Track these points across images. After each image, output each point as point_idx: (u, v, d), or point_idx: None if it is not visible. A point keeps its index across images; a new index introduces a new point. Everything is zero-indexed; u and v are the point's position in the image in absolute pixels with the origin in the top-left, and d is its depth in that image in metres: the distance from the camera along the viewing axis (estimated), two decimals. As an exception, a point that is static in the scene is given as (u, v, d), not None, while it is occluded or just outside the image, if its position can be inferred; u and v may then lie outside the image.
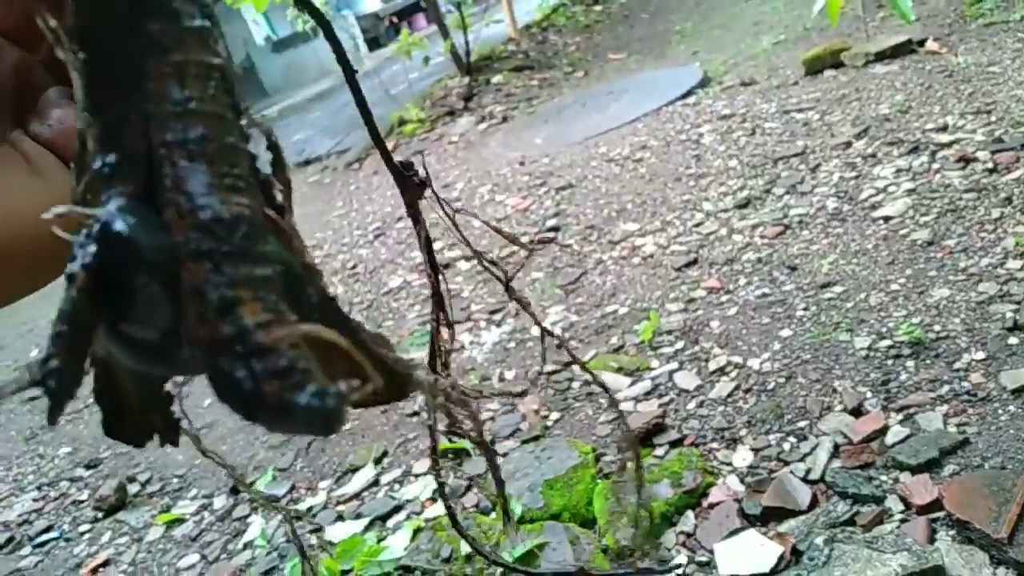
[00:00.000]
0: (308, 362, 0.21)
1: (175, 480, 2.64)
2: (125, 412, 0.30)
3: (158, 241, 0.22)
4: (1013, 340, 1.92)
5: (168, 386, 0.30)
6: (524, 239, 3.53)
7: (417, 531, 1.95)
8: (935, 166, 2.84)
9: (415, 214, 0.55)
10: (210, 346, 0.21)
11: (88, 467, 2.92)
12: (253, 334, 0.21)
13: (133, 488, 2.66)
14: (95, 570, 2.30)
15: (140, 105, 0.22)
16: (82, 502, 2.70)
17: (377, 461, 2.34)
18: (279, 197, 0.26)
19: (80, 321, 0.22)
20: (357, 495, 2.24)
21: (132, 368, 0.26)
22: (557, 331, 2.69)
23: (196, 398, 3.14)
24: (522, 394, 2.31)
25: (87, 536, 2.48)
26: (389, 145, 5.90)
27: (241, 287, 0.22)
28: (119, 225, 0.22)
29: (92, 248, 0.22)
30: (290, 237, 0.25)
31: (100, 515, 2.57)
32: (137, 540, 2.38)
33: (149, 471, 2.74)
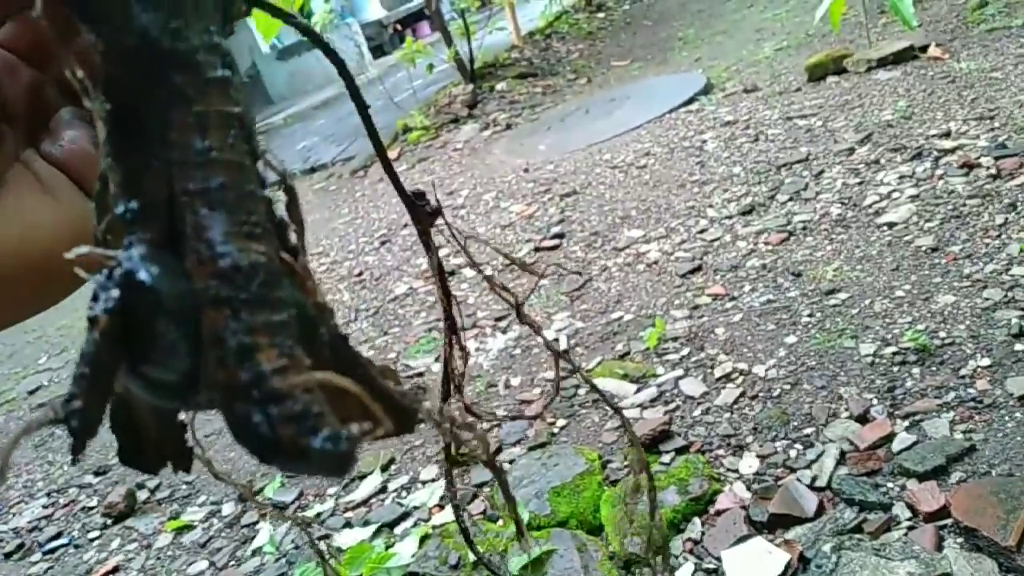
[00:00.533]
0: (321, 406, 0.22)
1: (184, 487, 2.65)
2: (141, 442, 0.30)
3: (179, 288, 0.23)
4: (1019, 346, 1.92)
5: (182, 415, 0.31)
6: (529, 246, 3.55)
7: (425, 538, 1.96)
8: (938, 172, 2.85)
9: (427, 242, 0.56)
10: (228, 391, 0.22)
11: (97, 474, 2.93)
12: (269, 379, 0.22)
13: (142, 495, 2.68)
14: (104, 577, 2.32)
15: (163, 153, 0.23)
16: (91, 509, 2.71)
17: (384, 468, 2.35)
18: (293, 239, 0.26)
19: (102, 364, 0.23)
20: (365, 502, 2.25)
21: (150, 403, 0.26)
22: (563, 338, 2.70)
23: (203, 406, 3.16)
24: (536, 417, 2.31)
25: (96, 543, 2.50)
26: (393, 153, 5.92)
27: (258, 333, 0.23)
28: (143, 275, 0.22)
29: (115, 293, 0.22)
30: (304, 279, 0.25)
31: (109, 522, 2.58)
32: (146, 547, 2.39)
33: (158, 478, 2.75)
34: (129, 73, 0.22)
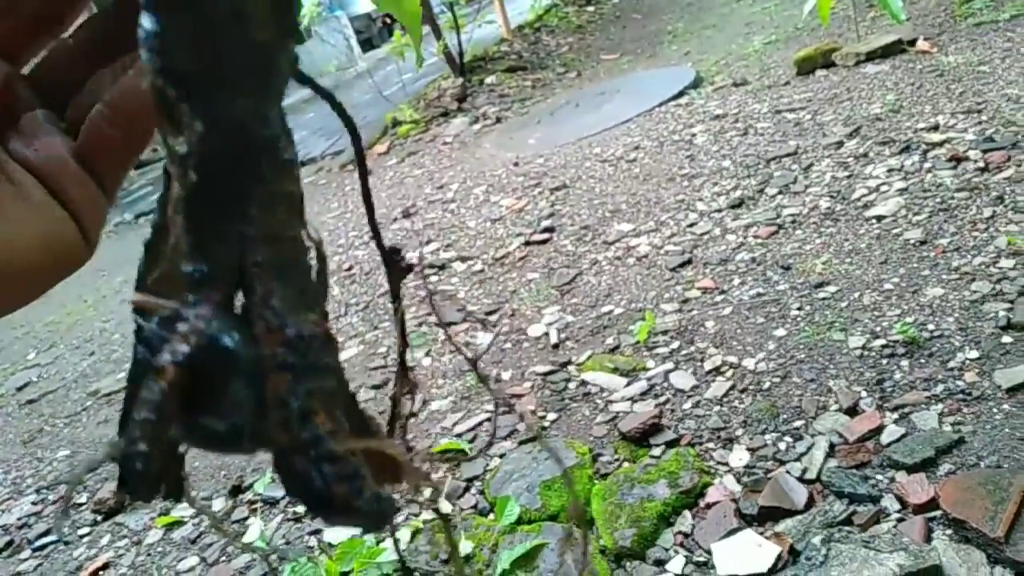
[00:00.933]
0: (364, 468, 0.25)
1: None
2: (146, 472, 0.31)
3: (251, 353, 0.25)
4: (1007, 339, 1.94)
5: (183, 447, 0.32)
6: (519, 240, 3.54)
7: (416, 532, 1.96)
8: (927, 165, 2.86)
9: (396, 294, 0.58)
10: (289, 448, 0.25)
11: (87, 470, 2.92)
12: (326, 442, 0.25)
13: (131, 492, 2.66)
14: (95, 573, 2.30)
15: (238, 226, 0.25)
16: (81, 505, 2.70)
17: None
18: (326, 306, 0.29)
19: (167, 412, 0.24)
20: (355, 497, 2.24)
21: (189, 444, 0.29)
22: (553, 332, 2.70)
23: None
24: (479, 453, 2.28)
25: (86, 539, 2.48)
26: (383, 147, 5.89)
27: (315, 398, 0.26)
28: (227, 340, 0.24)
29: (183, 348, 0.24)
30: (337, 346, 0.28)
31: (99, 518, 2.57)
32: (136, 543, 2.38)
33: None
34: (220, 153, 0.24)
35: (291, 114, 0.26)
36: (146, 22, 0.24)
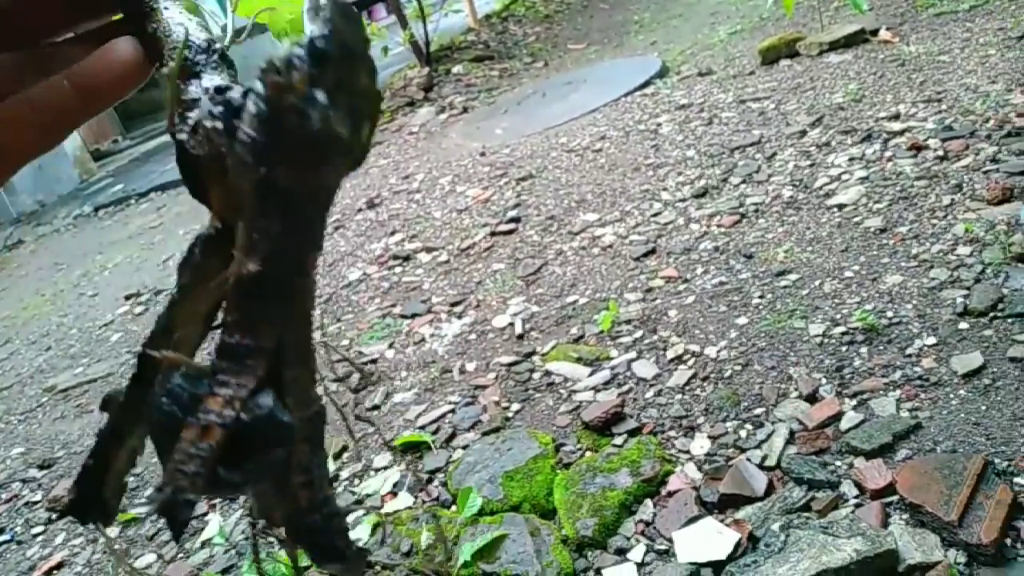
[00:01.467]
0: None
1: (131, 479, 2.59)
2: (96, 498, 0.37)
3: (290, 424, 0.29)
4: (963, 325, 1.95)
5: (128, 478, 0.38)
6: (485, 230, 3.52)
7: (377, 526, 1.93)
8: (887, 154, 2.89)
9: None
10: (307, 509, 0.32)
11: (41, 468, 2.86)
12: (334, 501, 0.32)
13: (87, 489, 2.61)
14: (49, 572, 2.25)
15: (283, 309, 0.29)
16: (35, 503, 2.64)
17: (337, 456, 2.32)
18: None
19: (212, 466, 0.28)
20: (317, 491, 2.21)
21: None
22: (518, 322, 2.69)
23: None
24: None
25: (40, 538, 2.43)
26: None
27: (322, 465, 0.32)
28: (285, 417, 0.29)
29: (229, 412, 0.28)
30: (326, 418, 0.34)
31: (54, 516, 2.52)
32: (92, 541, 2.33)
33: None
34: (281, 253, 0.29)
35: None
36: (254, 132, 0.27)
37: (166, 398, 0.29)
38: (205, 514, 2.28)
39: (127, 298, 4.30)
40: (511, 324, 2.70)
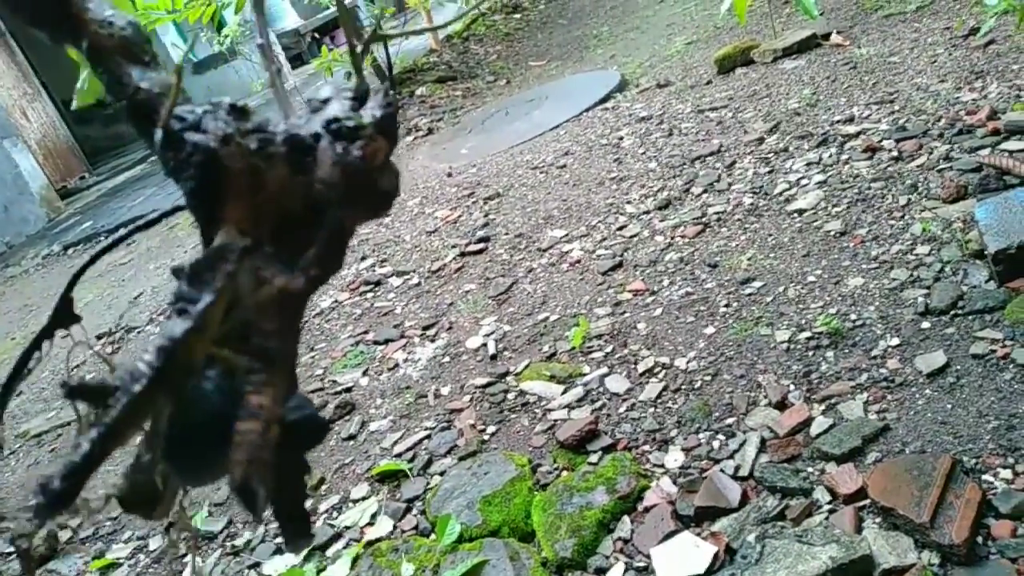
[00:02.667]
0: None
1: (108, 523, 2.55)
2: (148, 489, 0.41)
3: (327, 423, 0.44)
4: (925, 324, 1.99)
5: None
6: (455, 251, 3.52)
7: (356, 559, 1.92)
8: (844, 157, 2.93)
9: None
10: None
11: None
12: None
13: (64, 535, 2.57)
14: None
15: (299, 323, 0.42)
16: (9, 554, 2.59)
17: (315, 488, 2.30)
18: None
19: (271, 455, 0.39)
20: (296, 526, 2.19)
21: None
22: (491, 343, 2.69)
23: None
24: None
25: (16, 592, 2.39)
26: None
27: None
28: (324, 418, 0.38)
29: (277, 411, 0.37)
30: None
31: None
32: (66, 594, 2.30)
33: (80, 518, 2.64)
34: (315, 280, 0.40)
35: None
36: (337, 178, 0.38)
37: (213, 393, 0.34)
38: (184, 556, 2.25)
39: (99, 337, 4.25)
40: (484, 345, 2.70)
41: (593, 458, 1.97)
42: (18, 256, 7.52)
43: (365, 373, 2.84)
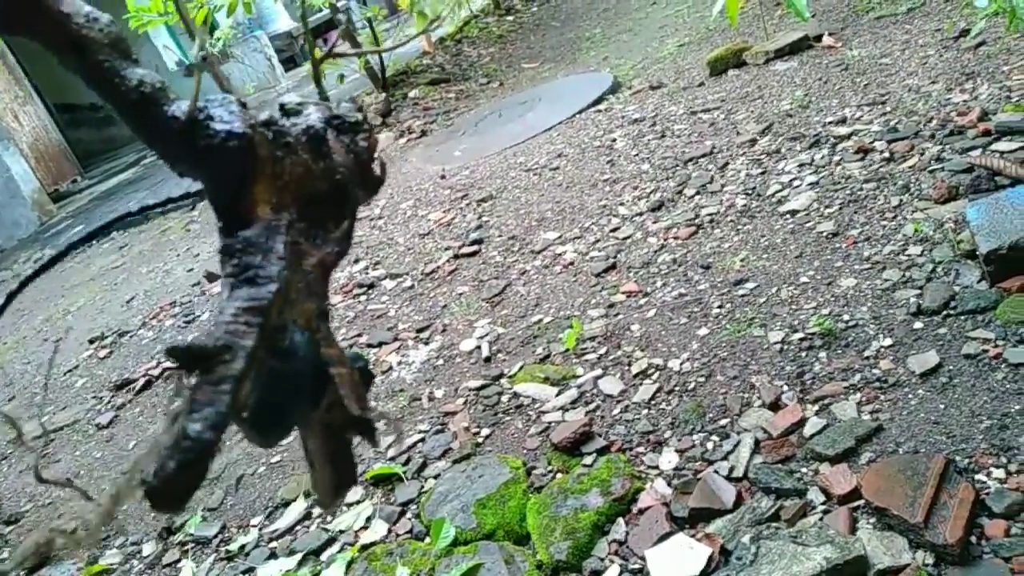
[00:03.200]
0: None
1: (101, 529, 2.54)
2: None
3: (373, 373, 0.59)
4: (918, 324, 1.99)
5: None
6: (448, 253, 3.52)
7: (351, 563, 1.92)
8: (836, 158, 2.94)
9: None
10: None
11: (8, 523, 2.80)
12: None
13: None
14: (18, 634, 2.20)
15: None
16: (2, 561, 2.58)
17: (308, 494, 2.30)
18: None
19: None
20: (290, 530, 2.19)
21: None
22: (485, 345, 2.69)
23: (121, 440, 3.05)
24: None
25: (7, 598, 2.38)
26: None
27: None
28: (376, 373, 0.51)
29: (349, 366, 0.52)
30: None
31: (22, 573, 2.46)
32: (58, 603, 2.29)
33: (74, 522, 2.63)
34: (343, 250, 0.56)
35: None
36: (349, 164, 0.49)
37: (300, 352, 0.42)
38: (178, 561, 2.25)
39: (91, 342, 4.23)
40: (478, 347, 2.70)
41: (587, 460, 1.97)
42: (10, 260, 7.49)
43: (359, 376, 2.83)
